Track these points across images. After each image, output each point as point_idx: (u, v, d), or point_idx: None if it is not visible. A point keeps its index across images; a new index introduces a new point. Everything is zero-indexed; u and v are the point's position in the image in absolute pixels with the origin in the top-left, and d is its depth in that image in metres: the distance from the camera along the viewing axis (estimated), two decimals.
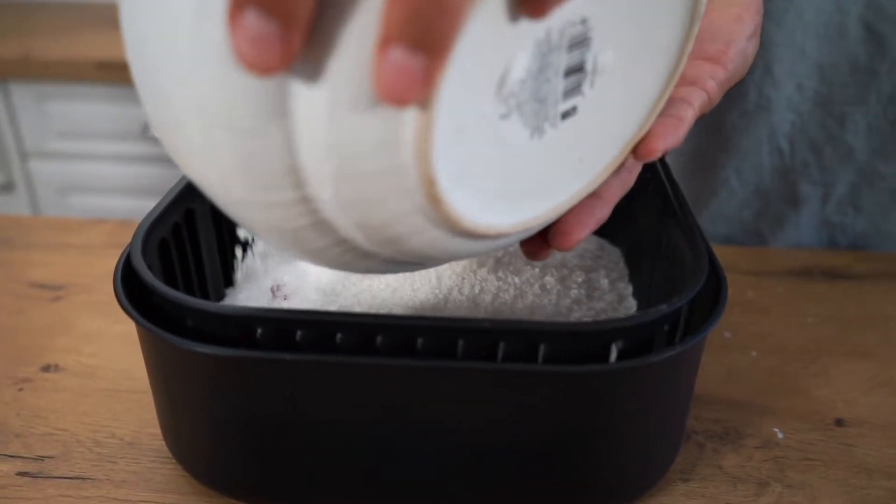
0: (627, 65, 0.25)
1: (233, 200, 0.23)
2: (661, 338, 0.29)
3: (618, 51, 0.25)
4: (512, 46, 0.21)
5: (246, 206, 0.23)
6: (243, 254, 0.41)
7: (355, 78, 0.19)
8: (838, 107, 0.52)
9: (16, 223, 0.58)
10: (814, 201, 0.56)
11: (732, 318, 0.45)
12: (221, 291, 0.40)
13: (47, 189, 1.35)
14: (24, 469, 0.34)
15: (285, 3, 0.16)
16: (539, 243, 0.30)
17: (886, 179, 0.54)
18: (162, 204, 0.34)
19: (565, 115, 0.25)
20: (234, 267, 0.41)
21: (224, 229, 0.40)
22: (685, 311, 0.30)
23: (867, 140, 0.52)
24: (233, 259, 0.41)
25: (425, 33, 0.16)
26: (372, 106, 0.19)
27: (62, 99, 1.25)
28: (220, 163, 0.21)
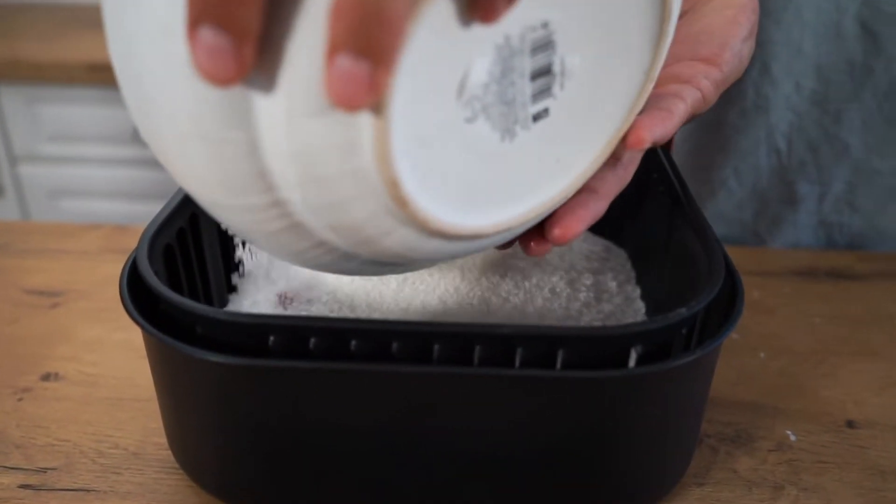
0: (598, 66, 0.26)
1: (212, 203, 0.24)
2: (678, 342, 0.28)
3: (585, 53, 0.25)
4: (469, 52, 0.21)
5: (224, 210, 0.24)
6: (246, 259, 0.40)
7: (310, 86, 0.19)
8: (834, 104, 0.52)
9: (9, 229, 0.57)
10: (811, 201, 0.56)
11: (739, 320, 0.45)
12: (225, 297, 0.39)
13: (37, 193, 1.33)
14: (27, 481, 0.33)
15: (236, 18, 0.18)
16: (538, 239, 0.30)
17: (883, 175, 0.54)
18: (167, 209, 0.34)
19: (537, 117, 0.25)
20: (240, 272, 0.40)
21: (228, 234, 0.39)
22: (701, 314, 0.29)
23: (863, 137, 0.52)
24: (237, 264, 0.40)
25: (369, 43, 0.17)
26: (329, 112, 0.20)
27: (52, 102, 1.24)
28: (196, 169, 0.23)
